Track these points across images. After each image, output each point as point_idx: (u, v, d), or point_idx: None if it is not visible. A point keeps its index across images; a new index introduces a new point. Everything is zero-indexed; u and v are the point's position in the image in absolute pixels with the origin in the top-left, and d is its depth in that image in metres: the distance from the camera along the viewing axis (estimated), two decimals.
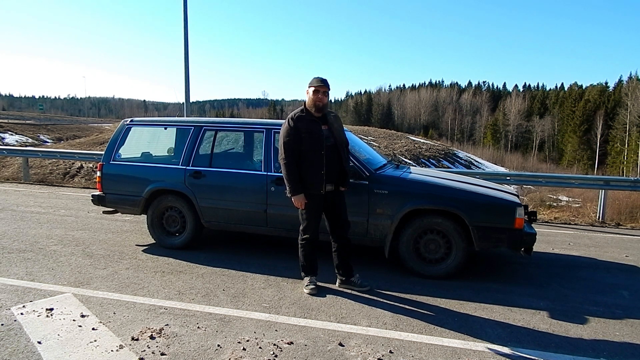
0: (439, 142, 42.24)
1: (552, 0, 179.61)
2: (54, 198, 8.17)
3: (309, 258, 3.60)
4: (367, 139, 22.52)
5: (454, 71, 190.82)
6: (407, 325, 3.01)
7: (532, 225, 4.37)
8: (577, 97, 66.22)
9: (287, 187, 3.46)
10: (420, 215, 3.95)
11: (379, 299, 3.48)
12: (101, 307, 3.15)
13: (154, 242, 4.89)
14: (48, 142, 27.60)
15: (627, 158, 49.94)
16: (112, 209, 5.10)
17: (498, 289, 3.79)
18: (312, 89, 3.43)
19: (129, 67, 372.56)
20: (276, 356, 2.54)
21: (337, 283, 3.73)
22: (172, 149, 5.22)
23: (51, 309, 3.07)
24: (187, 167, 4.63)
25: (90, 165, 11.62)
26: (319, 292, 3.55)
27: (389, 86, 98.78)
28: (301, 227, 3.59)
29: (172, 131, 5.15)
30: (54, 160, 11.99)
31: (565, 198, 13.42)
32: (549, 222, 7.42)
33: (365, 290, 3.61)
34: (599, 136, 55.08)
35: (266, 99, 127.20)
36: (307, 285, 3.58)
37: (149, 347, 2.59)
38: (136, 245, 4.91)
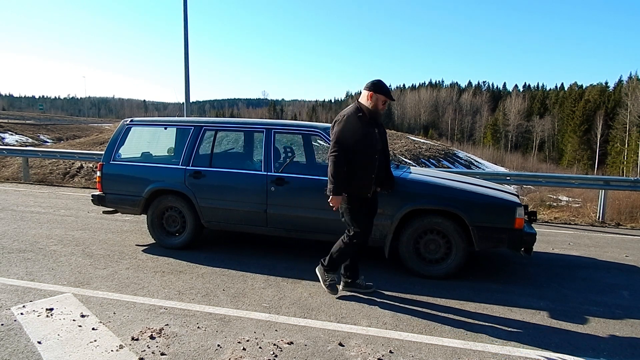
0: (439, 142, 42.27)
1: (552, 0, 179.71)
2: (54, 198, 8.17)
3: (346, 260, 3.49)
4: None
5: (454, 71, 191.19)
6: (407, 325, 3.01)
7: (532, 225, 4.38)
8: (577, 97, 66.24)
9: (331, 185, 3.18)
10: (420, 216, 3.95)
11: (379, 299, 3.48)
12: (101, 307, 3.15)
13: (154, 242, 4.89)
14: (48, 142, 27.63)
15: (627, 158, 49.97)
16: (112, 209, 5.10)
17: (498, 289, 3.79)
18: (382, 98, 3.33)
19: (129, 67, 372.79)
20: (276, 356, 2.54)
21: (340, 285, 3.64)
22: (172, 149, 5.23)
23: (51, 309, 3.07)
24: (187, 167, 4.63)
25: (90, 165, 11.62)
26: (332, 290, 3.50)
27: (389, 86, 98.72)
28: (351, 233, 3.38)
29: (172, 131, 5.16)
30: (54, 160, 11.99)
31: (565, 198, 13.39)
32: (549, 222, 7.42)
33: (370, 292, 3.56)
34: (599, 136, 55.11)
35: (266, 99, 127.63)
36: (329, 281, 3.48)
37: (149, 347, 2.59)
38: (136, 245, 4.91)
